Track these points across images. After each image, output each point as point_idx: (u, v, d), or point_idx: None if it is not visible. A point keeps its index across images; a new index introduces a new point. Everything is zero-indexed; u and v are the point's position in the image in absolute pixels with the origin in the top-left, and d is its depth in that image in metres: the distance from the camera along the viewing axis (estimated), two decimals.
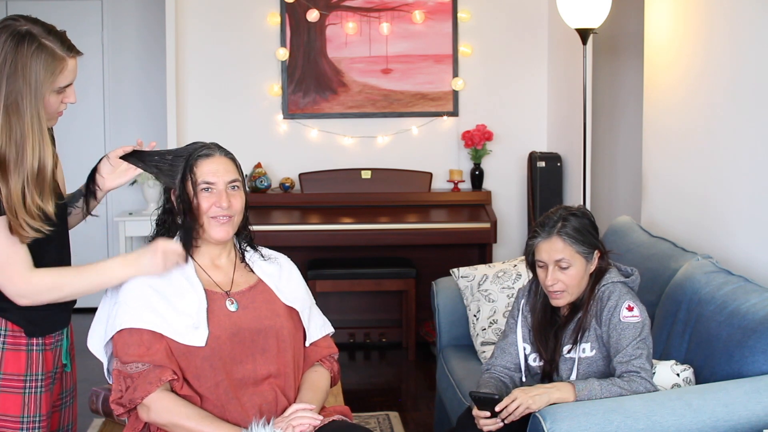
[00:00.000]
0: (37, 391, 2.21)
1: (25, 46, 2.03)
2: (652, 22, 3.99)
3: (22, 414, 2.19)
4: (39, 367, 2.22)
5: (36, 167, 2.06)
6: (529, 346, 2.74)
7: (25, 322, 2.18)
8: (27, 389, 2.20)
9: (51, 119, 2.17)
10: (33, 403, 2.21)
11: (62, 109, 2.18)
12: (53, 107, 2.13)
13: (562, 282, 2.60)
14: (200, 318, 2.27)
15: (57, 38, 2.08)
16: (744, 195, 3.20)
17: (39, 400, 2.22)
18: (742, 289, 2.69)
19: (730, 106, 3.29)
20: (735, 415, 2.31)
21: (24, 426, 2.19)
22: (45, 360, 2.24)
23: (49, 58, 2.05)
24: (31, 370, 2.21)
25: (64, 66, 2.08)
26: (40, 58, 2.04)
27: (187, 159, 2.34)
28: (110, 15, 6.30)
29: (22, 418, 2.19)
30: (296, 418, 2.22)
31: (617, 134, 5.02)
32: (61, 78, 2.09)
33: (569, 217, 2.63)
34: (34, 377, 2.21)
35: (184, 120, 5.58)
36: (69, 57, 2.10)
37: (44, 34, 2.06)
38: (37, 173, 2.07)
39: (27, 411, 2.20)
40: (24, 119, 2.03)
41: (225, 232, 2.35)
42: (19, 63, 2.02)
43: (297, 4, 5.55)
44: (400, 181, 5.45)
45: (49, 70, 2.05)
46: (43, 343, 2.24)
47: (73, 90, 2.16)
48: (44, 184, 2.10)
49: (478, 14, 5.66)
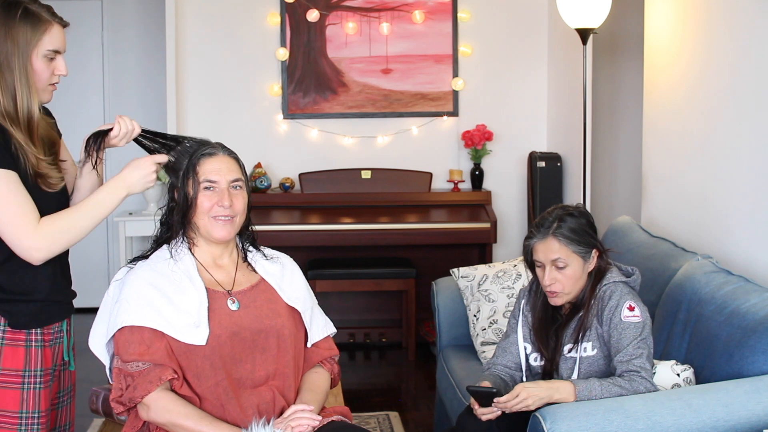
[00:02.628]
0: (36, 386, 2.22)
1: (11, 12, 2.17)
2: (652, 22, 3.99)
3: (20, 409, 2.20)
4: (38, 363, 2.23)
5: (26, 118, 2.17)
6: (530, 345, 2.74)
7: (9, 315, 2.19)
8: (26, 385, 2.21)
9: (44, 91, 2.23)
10: (32, 398, 2.22)
11: (54, 81, 2.25)
12: (44, 74, 2.21)
13: (560, 282, 2.61)
14: (201, 316, 2.27)
15: (42, 6, 2.21)
16: (744, 195, 3.20)
17: (38, 396, 2.23)
18: (742, 289, 2.69)
19: (730, 106, 3.29)
20: (735, 415, 2.31)
21: (22, 421, 2.20)
22: (44, 356, 2.25)
23: (34, 19, 2.18)
24: (29, 365, 2.22)
25: (48, 27, 2.20)
26: (26, 21, 2.17)
27: (191, 157, 2.34)
28: (110, 15, 6.30)
29: (20, 413, 2.20)
30: (295, 419, 2.22)
31: (617, 134, 5.03)
32: (47, 39, 2.19)
33: (566, 217, 2.63)
34: (33, 373, 2.22)
35: (184, 120, 5.58)
36: (55, 22, 2.21)
37: (30, 2, 2.20)
38: (27, 122, 2.17)
39: (26, 407, 2.21)
40: (14, 74, 2.16)
41: (226, 232, 2.35)
42: (8, 27, 2.15)
43: (297, 4, 5.55)
44: (400, 181, 5.45)
45: (35, 30, 2.18)
46: (42, 339, 2.24)
47: (63, 61, 2.24)
48: (33, 135, 2.19)
49: (478, 14, 5.66)
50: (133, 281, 2.31)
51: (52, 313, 2.27)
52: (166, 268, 2.33)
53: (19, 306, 2.20)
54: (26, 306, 2.21)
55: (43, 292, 2.24)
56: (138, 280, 2.31)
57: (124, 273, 2.38)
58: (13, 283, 2.19)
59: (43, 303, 2.24)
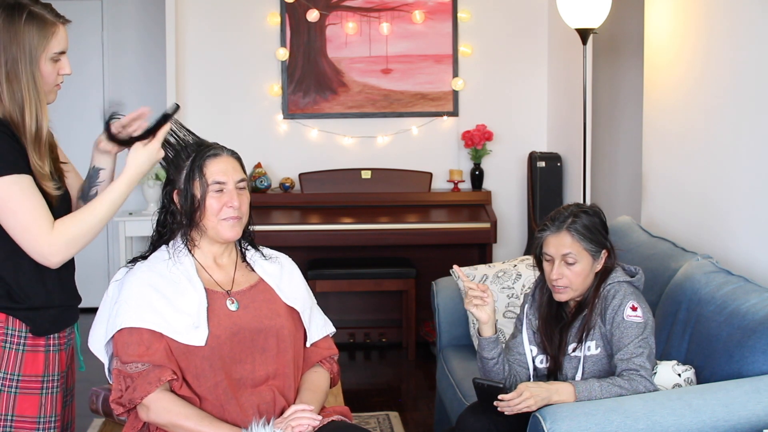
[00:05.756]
0: (54, 391, 2.23)
1: (16, 16, 2.11)
2: (652, 22, 3.99)
3: (38, 415, 2.20)
4: (55, 368, 2.24)
5: (34, 129, 2.13)
6: (536, 347, 2.75)
7: (31, 323, 2.18)
8: (44, 390, 2.21)
9: (50, 92, 2.21)
10: (50, 403, 2.22)
11: (59, 82, 2.23)
12: (50, 77, 2.18)
13: (567, 277, 2.62)
14: (200, 317, 2.27)
15: (44, 7, 2.17)
16: (744, 195, 3.20)
17: (55, 400, 2.23)
18: (742, 289, 2.69)
19: (730, 105, 3.29)
20: (735, 415, 2.31)
21: (40, 426, 2.20)
22: (60, 360, 2.26)
23: (40, 23, 2.13)
24: (48, 370, 2.22)
25: (55, 30, 2.16)
26: (32, 24, 2.12)
27: (194, 159, 2.33)
28: (110, 15, 6.29)
29: (38, 418, 2.20)
30: (295, 419, 2.22)
31: (617, 134, 5.02)
32: (54, 42, 2.15)
33: (580, 213, 2.65)
34: (51, 377, 2.23)
35: (184, 120, 5.54)
36: (59, 22, 2.17)
37: (32, 3, 2.15)
38: (35, 135, 2.13)
39: (44, 411, 2.21)
40: (21, 83, 2.11)
41: (235, 233, 2.35)
42: (13, 32, 2.10)
43: (297, 4, 5.55)
44: (400, 181, 5.45)
45: (42, 35, 2.13)
46: (59, 342, 2.25)
47: (67, 61, 2.21)
48: (41, 146, 2.15)
49: (478, 14, 5.66)
50: (132, 282, 2.31)
51: (67, 317, 2.28)
52: (165, 269, 2.32)
53: (41, 313, 2.19)
54: (47, 312, 2.20)
55: (61, 297, 2.24)
56: (137, 281, 2.30)
57: (123, 273, 2.38)
58: (34, 290, 2.18)
59: (61, 308, 2.24)
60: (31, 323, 2.18)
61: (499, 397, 2.46)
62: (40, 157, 2.14)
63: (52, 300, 2.21)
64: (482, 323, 2.68)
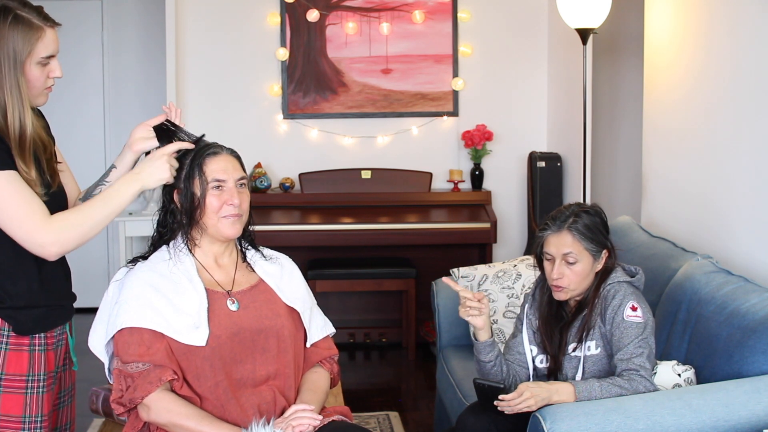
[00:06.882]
0: (39, 391, 2.21)
1: (0, 20, 2.08)
2: (652, 22, 3.99)
3: (23, 414, 2.19)
4: (41, 367, 2.22)
5: (18, 134, 2.10)
6: (536, 347, 2.75)
7: (13, 321, 2.17)
8: (29, 389, 2.20)
9: (40, 95, 2.19)
10: (35, 403, 2.21)
11: (50, 84, 2.20)
12: (39, 81, 2.16)
13: (567, 277, 2.63)
14: (201, 317, 2.27)
15: (33, 10, 2.13)
16: (744, 195, 3.20)
17: (41, 400, 2.22)
18: (742, 289, 2.69)
19: (730, 105, 3.29)
20: (735, 415, 2.31)
21: (26, 426, 2.19)
22: (47, 360, 2.24)
23: (25, 27, 2.10)
24: (33, 370, 2.20)
25: (41, 34, 2.12)
26: (16, 28, 2.09)
27: (194, 158, 2.33)
28: (110, 15, 6.29)
29: (23, 418, 2.19)
30: (296, 419, 2.22)
31: (617, 134, 5.03)
32: (41, 46, 2.12)
33: (582, 213, 2.65)
34: (36, 377, 2.21)
35: (184, 120, 5.56)
36: (46, 26, 2.13)
37: (20, 7, 2.11)
38: (18, 139, 2.11)
39: (29, 411, 2.20)
40: (4, 88, 2.08)
41: (236, 230, 2.36)
42: None
43: (297, 4, 5.55)
44: (400, 181, 5.45)
45: (27, 39, 2.10)
46: (46, 342, 2.24)
47: (58, 64, 2.19)
48: (25, 151, 2.12)
49: (478, 14, 5.66)
50: (132, 282, 2.31)
51: (55, 317, 2.26)
52: (166, 269, 2.33)
53: (24, 312, 2.18)
54: (30, 312, 2.19)
55: (46, 297, 2.22)
56: (137, 281, 2.30)
57: (123, 273, 2.38)
58: (17, 289, 2.17)
59: (47, 308, 2.23)
60: (13, 322, 2.17)
61: (499, 397, 2.46)
62: (25, 163, 2.12)
63: (35, 300, 2.19)
64: (478, 329, 2.70)
